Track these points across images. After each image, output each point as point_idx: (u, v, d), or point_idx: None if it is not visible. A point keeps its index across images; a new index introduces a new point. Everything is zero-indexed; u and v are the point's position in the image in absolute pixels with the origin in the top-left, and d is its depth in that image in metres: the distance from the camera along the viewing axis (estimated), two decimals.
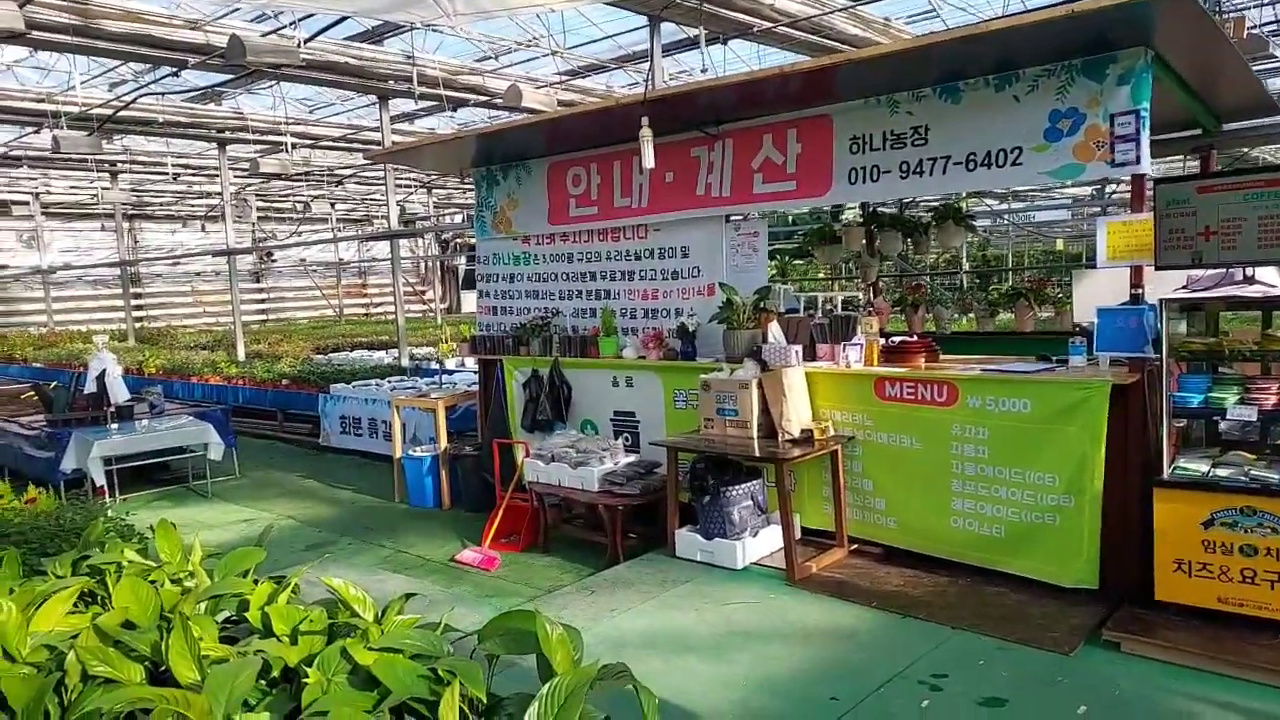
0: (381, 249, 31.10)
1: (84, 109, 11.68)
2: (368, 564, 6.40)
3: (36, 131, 12.92)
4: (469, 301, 31.18)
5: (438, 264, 31.24)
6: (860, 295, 6.36)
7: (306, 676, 2.19)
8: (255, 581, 2.97)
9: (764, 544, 5.64)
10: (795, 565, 5.28)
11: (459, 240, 31.56)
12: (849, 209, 10.57)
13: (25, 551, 3.39)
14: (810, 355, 5.85)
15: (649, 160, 5.75)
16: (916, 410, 5.28)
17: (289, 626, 2.52)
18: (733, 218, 6.51)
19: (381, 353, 16.24)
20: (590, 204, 7.14)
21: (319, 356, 15.22)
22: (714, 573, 5.44)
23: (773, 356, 5.64)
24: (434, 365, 11.75)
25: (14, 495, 4.67)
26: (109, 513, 4.29)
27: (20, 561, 3.16)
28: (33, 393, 10.72)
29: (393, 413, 8.52)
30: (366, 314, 31.21)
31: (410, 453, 8.10)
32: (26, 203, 22.15)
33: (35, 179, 20.23)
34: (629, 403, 6.75)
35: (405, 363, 12.90)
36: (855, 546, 5.69)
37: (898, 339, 5.99)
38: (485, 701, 2.09)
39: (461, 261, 31.55)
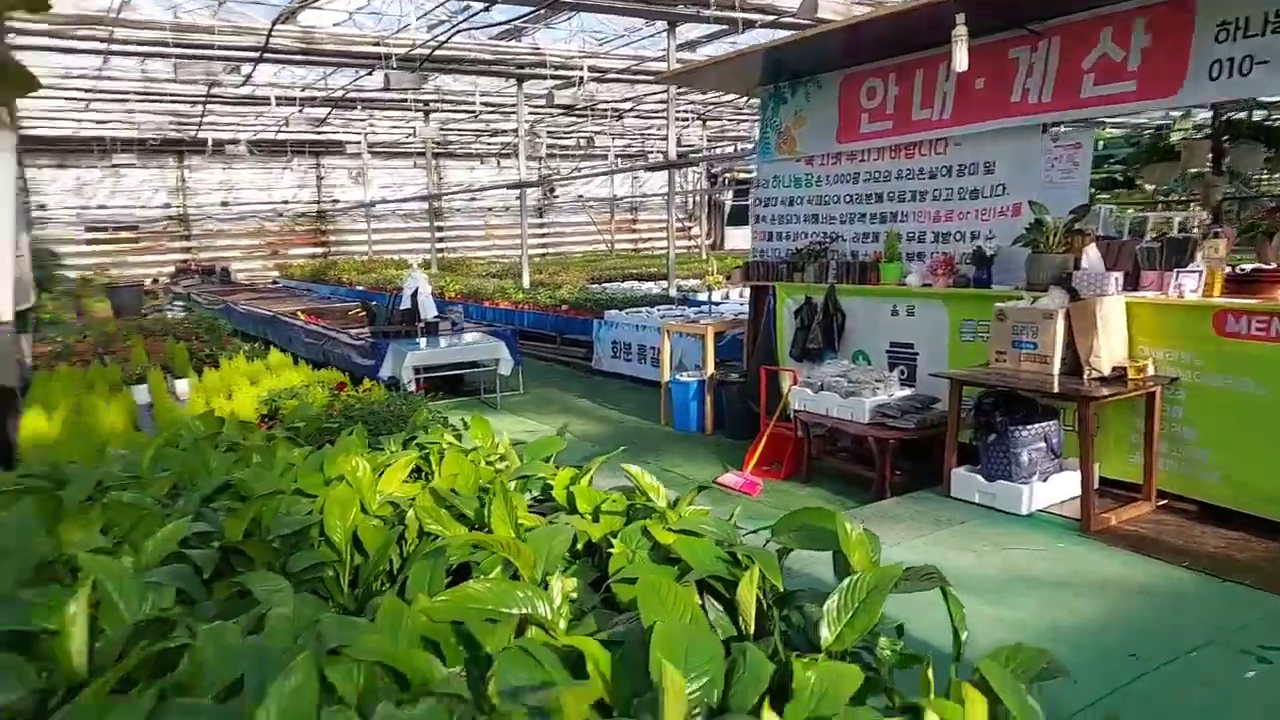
0: (652, 186, 32.00)
1: (409, 49, 12.97)
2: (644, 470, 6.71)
3: (370, 73, 14.54)
4: (733, 238, 31.33)
5: (705, 200, 31.59)
6: (1197, 220, 5.50)
7: (611, 548, 2.31)
8: (557, 468, 3.20)
9: (1054, 490, 5.18)
10: (1092, 515, 4.81)
11: (728, 175, 31.64)
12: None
13: (366, 429, 3.90)
14: (1132, 284, 5.19)
15: (961, 63, 5.30)
16: (1269, 350, 4.52)
17: (591, 506, 2.68)
18: (1050, 128, 5.88)
19: (650, 284, 16.82)
20: (884, 118, 6.77)
21: (593, 286, 16.06)
22: (994, 516, 5.10)
23: (1086, 284, 5.07)
24: (700, 296, 11.95)
25: (353, 388, 5.39)
26: (428, 405, 4.84)
27: (364, 436, 3.61)
28: (360, 309, 12.31)
29: (662, 338, 8.79)
30: (635, 249, 32.42)
31: (677, 378, 8.33)
32: (356, 142, 25.20)
33: (364, 120, 22.91)
34: (908, 333, 6.43)
35: (673, 293, 13.25)
36: (1164, 501, 5.07)
37: (1248, 268, 5.15)
38: (781, 589, 2.08)
39: (728, 197, 31.68)
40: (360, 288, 19.06)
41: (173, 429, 3.92)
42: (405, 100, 18.65)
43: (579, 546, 2.54)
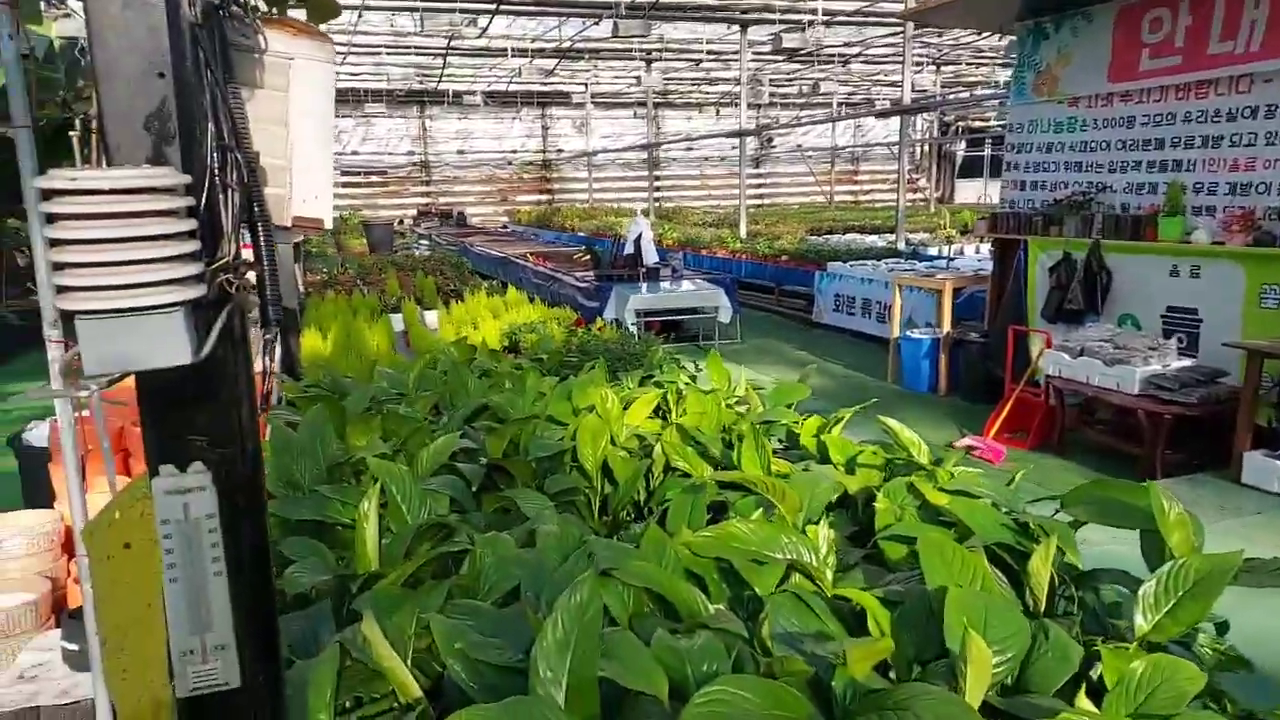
0: (876, 135, 30.50)
1: None
2: (870, 435, 6.46)
3: (596, 23, 14.78)
4: (964, 191, 29.31)
5: (935, 150, 29.73)
6: None
7: (873, 502, 2.18)
8: (802, 415, 3.08)
9: None
10: None
11: (961, 124, 29.54)
12: None
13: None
14: None
15: None
16: None
17: (844, 457, 2.54)
18: None
19: (873, 237, 16.09)
20: (1171, 52, 5.94)
21: (812, 238, 15.59)
22: None
23: None
24: (930, 250, 11.24)
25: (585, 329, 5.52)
26: (660, 345, 4.87)
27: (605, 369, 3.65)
28: (584, 253, 12.68)
29: (893, 292, 8.36)
30: (855, 201, 31.19)
31: (908, 334, 7.89)
32: (581, 93, 25.85)
33: (589, 70, 23.43)
34: (1190, 296, 5.68)
35: (901, 246, 12.58)
36: None
37: None
38: (1079, 566, 1.86)
39: (960, 148, 29.61)
40: (582, 234, 19.67)
41: (431, 353, 4.18)
42: (629, 50, 18.79)
43: (833, 498, 2.42)
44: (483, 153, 28.33)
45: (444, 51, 18.53)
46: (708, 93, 27.98)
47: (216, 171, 1.03)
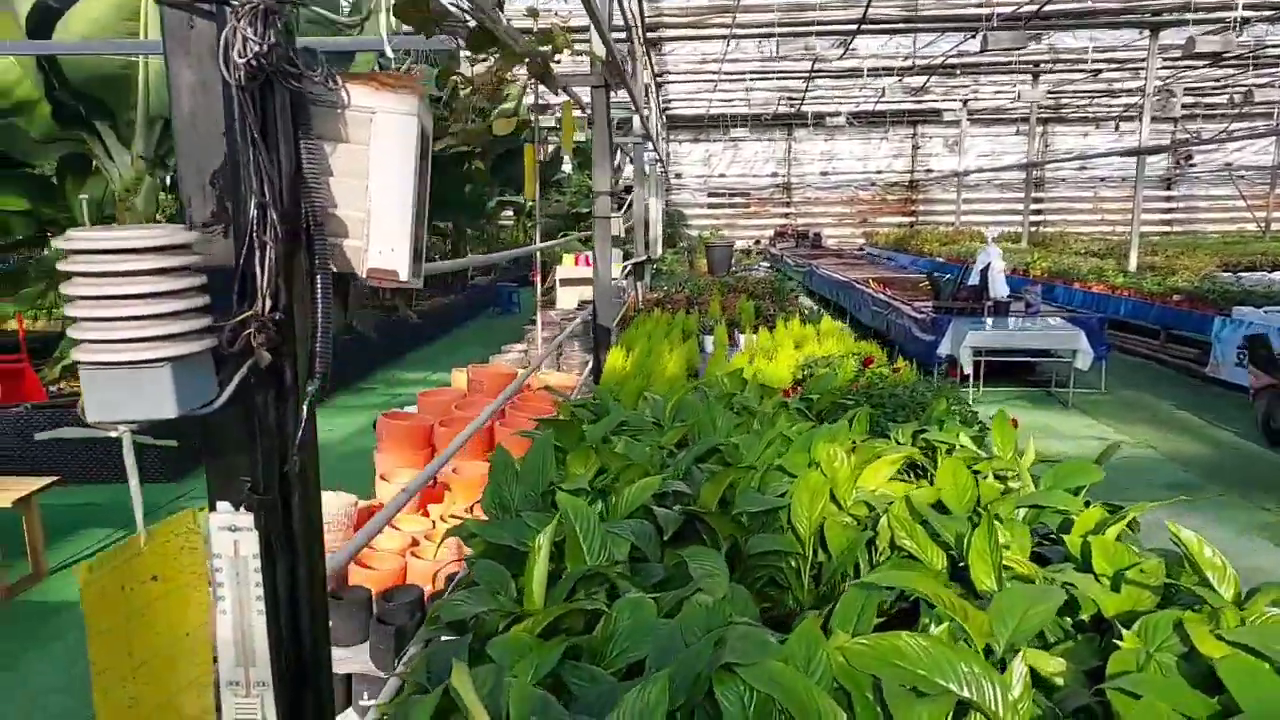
0: None
1: (1016, 6, 11.96)
2: (1239, 526, 5.23)
3: (973, 37, 13.82)
4: None
5: None
6: None
7: (1120, 637, 1.70)
8: (1086, 504, 2.53)
9: None
10: None
11: None
12: None
13: (877, 413, 3.62)
14: None
15: None
16: None
17: (1112, 568, 2.03)
18: None
19: None
20: None
21: (1223, 274, 13.09)
22: None
23: None
24: None
25: (886, 364, 5.12)
26: (961, 396, 4.35)
27: (869, 420, 3.34)
28: (926, 282, 11.91)
29: None
30: None
31: None
32: (955, 109, 24.42)
33: (966, 86, 22.04)
34: None
35: None
36: None
37: None
38: None
39: None
40: (939, 259, 18.55)
41: (701, 382, 4.15)
42: (1009, 63, 17.32)
43: (1083, 616, 1.95)
44: (846, 174, 28.01)
45: (808, 74, 18.62)
46: (1108, 105, 24.89)
47: (255, 228, 1.06)
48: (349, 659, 2.97)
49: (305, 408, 1.13)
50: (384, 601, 2.80)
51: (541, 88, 5.89)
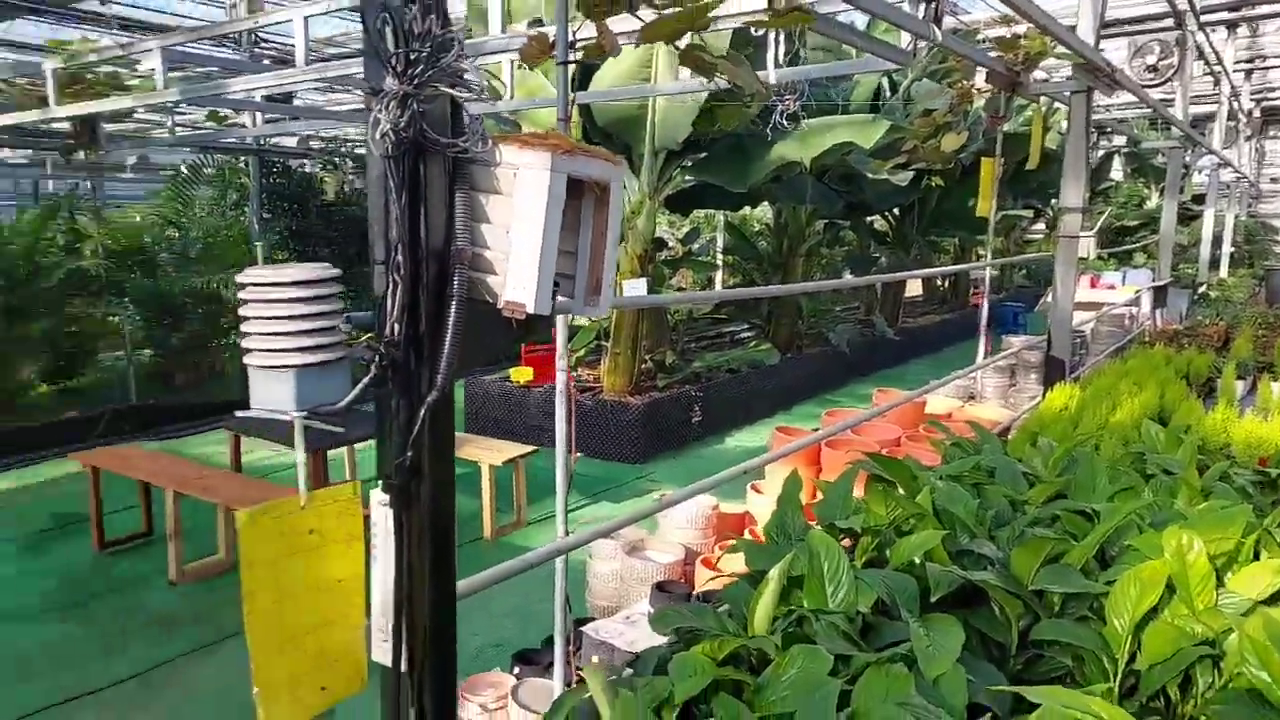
0: None
1: None
2: None
3: None
4: None
5: None
6: None
7: None
8: None
9: None
10: None
11: None
12: None
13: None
14: None
15: None
16: None
17: None
18: None
19: None
20: None
21: None
22: None
23: None
24: None
25: None
26: None
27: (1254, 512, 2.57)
28: None
29: None
30: None
31: None
32: None
33: None
34: None
35: None
36: None
37: None
38: None
39: None
40: None
41: (1108, 435, 3.51)
42: None
43: None
44: None
45: None
46: None
47: (391, 267, 1.33)
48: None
49: (424, 412, 1.37)
50: (657, 590, 3.00)
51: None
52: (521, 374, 8.57)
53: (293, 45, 8.70)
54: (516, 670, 3.33)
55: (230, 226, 11.02)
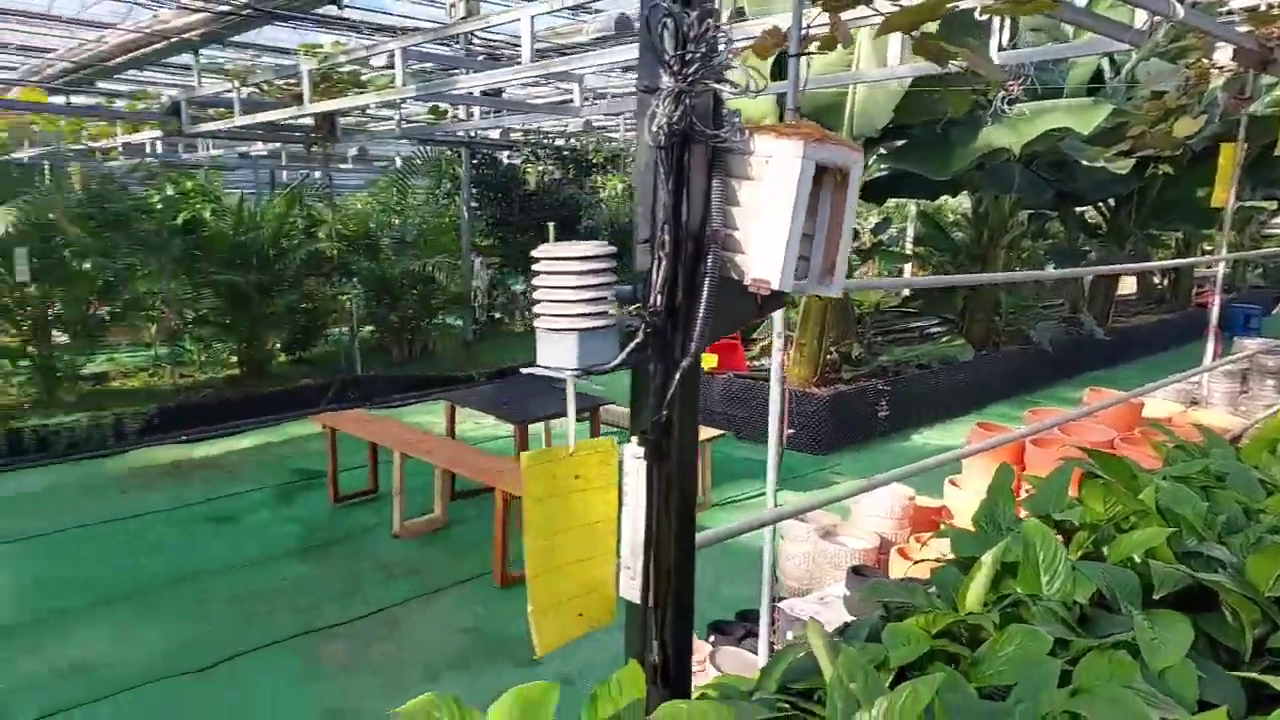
0: None
1: None
2: None
3: None
4: None
5: None
6: None
7: None
8: None
9: None
10: None
11: None
12: None
13: None
14: None
15: None
16: None
17: None
18: None
19: None
20: None
21: None
22: None
23: None
24: None
25: None
26: None
27: None
28: None
29: None
30: None
31: None
32: None
33: None
34: None
35: None
36: None
37: None
38: None
39: None
40: None
41: None
42: None
43: None
44: None
45: None
46: None
47: (656, 246, 1.50)
48: None
49: (678, 375, 1.53)
50: (853, 574, 3.04)
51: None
52: (706, 361, 8.76)
53: (501, 42, 9.27)
54: (712, 638, 3.49)
55: (442, 214, 11.90)
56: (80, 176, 9.96)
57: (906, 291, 12.40)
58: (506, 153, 12.96)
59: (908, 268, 14.20)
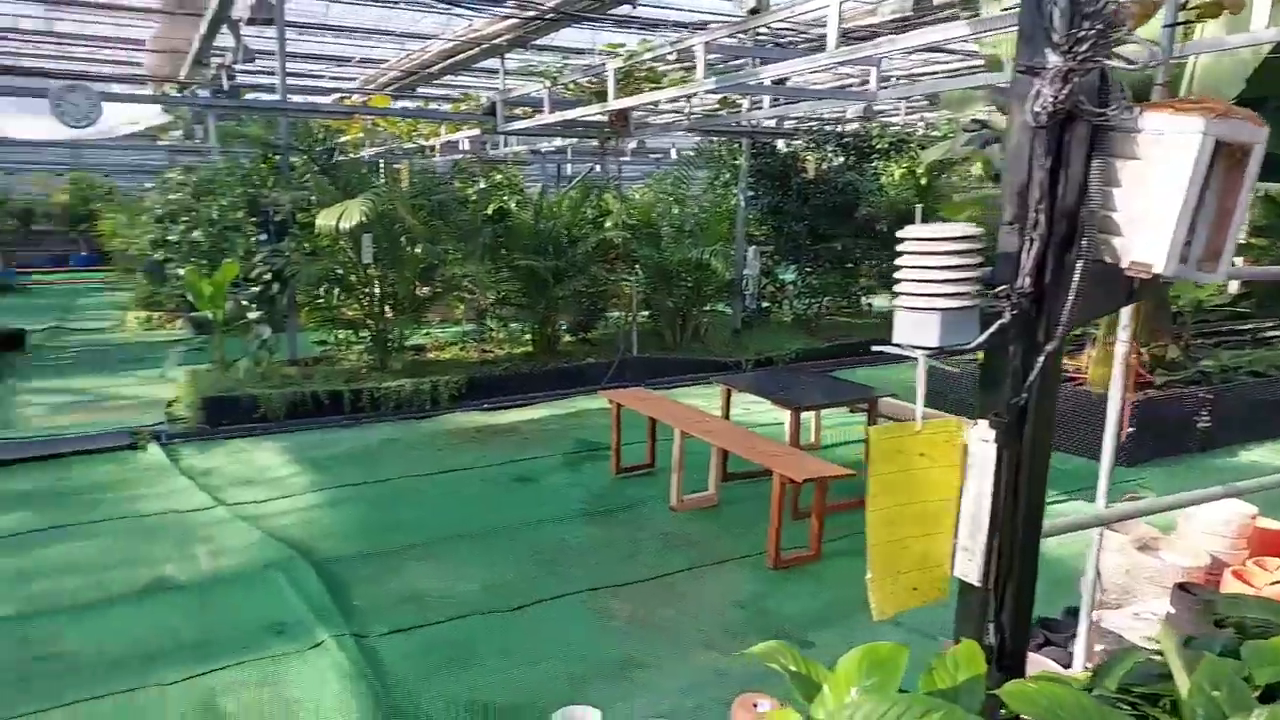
0: None
1: None
2: None
3: None
4: None
5: None
6: None
7: None
8: None
9: None
10: None
11: None
12: None
13: None
14: None
15: None
16: None
17: None
18: None
19: None
20: None
21: None
22: None
23: None
24: None
25: None
26: None
27: None
28: None
29: None
30: None
31: None
32: None
33: None
34: None
35: None
36: None
37: None
38: None
39: None
40: None
41: None
42: None
43: None
44: None
45: None
46: None
47: (1029, 228, 1.49)
48: None
49: (1041, 360, 1.51)
50: (1180, 590, 2.76)
51: None
52: None
53: (784, 29, 9.26)
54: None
55: (720, 204, 12.18)
56: (408, 172, 11.34)
57: (1234, 289, 10.85)
58: (783, 141, 12.99)
59: (1239, 260, 12.40)
